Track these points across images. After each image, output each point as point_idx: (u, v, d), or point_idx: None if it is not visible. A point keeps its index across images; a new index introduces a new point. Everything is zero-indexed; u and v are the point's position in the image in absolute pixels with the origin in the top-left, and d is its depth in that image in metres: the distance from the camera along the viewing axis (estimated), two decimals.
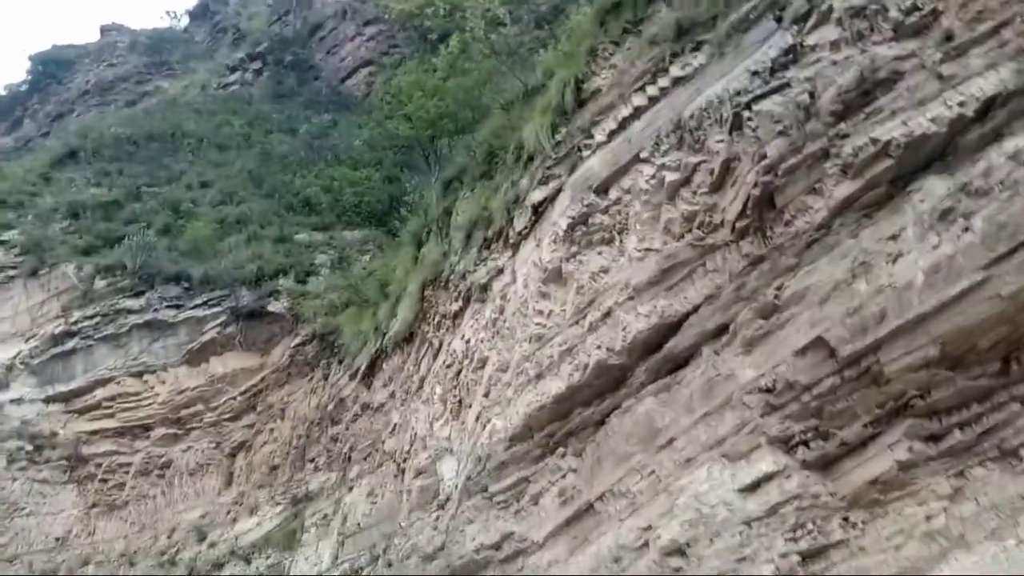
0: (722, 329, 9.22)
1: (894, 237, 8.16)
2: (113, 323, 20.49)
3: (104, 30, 58.16)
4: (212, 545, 17.53)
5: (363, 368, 16.45)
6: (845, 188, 8.53)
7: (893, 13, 8.72)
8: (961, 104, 8.02)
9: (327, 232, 23.18)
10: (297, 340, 19.66)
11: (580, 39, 13.17)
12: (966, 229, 7.70)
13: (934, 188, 8.07)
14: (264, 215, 23.98)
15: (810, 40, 9.29)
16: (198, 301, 20.77)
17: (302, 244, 22.57)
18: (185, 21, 61.19)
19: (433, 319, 14.07)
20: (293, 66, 38.90)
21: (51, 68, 52.70)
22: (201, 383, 19.81)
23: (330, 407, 17.30)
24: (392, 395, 15.43)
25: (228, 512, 18.11)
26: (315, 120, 30.73)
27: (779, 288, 8.80)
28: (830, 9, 9.21)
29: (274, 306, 20.35)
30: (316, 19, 41.30)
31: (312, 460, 17.15)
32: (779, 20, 9.68)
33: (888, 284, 7.95)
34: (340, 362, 17.89)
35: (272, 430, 18.81)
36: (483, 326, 12.21)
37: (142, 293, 20.96)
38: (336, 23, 39.65)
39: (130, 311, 20.67)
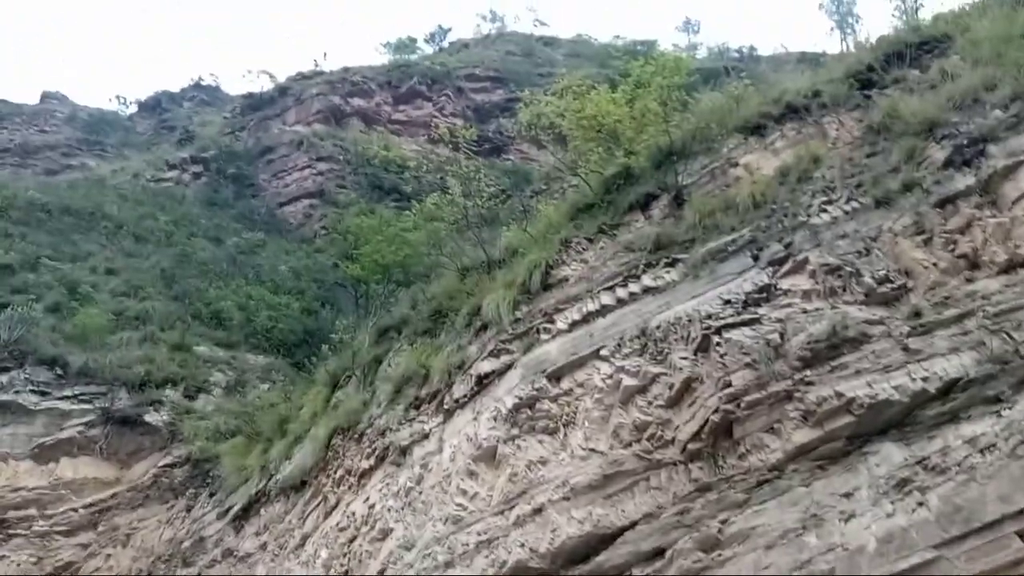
0: (658, 553, 8.71)
1: (848, 495, 8.08)
2: None
3: (45, 96, 57.21)
4: None
5: (237, 508, 14.85)
6: (804, 435, 8.53)
7: (866, 279, 9.21)
8: (924, 379, 8.31)
9: (230, 351, 21.83)
10: (167, 460, 17.81)
11: (550, 227, 13.41)
12: (921, 504, 7.70)
13: (891, 455, 8.14)
14: (167, 318, 22.51)
15: (784, 284, 9.66)
16: (68, 392, 18.79)
17: (200, 357, 21.09)
18: (132, 110, 60.97)
19: (335, 472, 12.96)
20: (234, 179, 38.61)
21: None
22: (42, 484, 17.44)
23: (186, 544, 15.40)
24: (263, 546, 13.86)
25: None
26: (246, 235, 30.02)
27: (724, 522, 8.47)
28: (805, 260, 9.69)
29: (152, 416, 18.57)
30: (270, 142, 41.65)
31: None
32: (755, 258, 10.09)
33: (840, 543, 7.75)
34: (211, 495, 16.17)
35: (109, 556, 16.49)
36: (394, 493, 11.26)
37: (8, 370, 18.79)
38: (289, 151, 40.03)
39: None
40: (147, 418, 18.53)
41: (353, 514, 11.87)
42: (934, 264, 9.16)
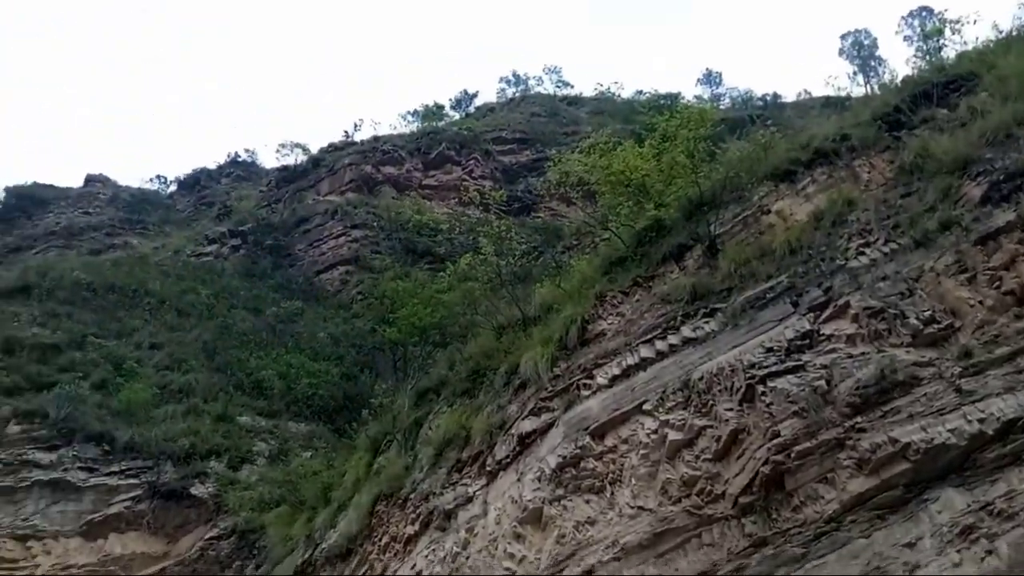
0: None
1: (910, 545, 7.80)
2: (14, 474, 18.45)
3: (89, 179, 59.14)
4: None
5: None
6: (859, 484, 8.29)
7: (912, 320, 9.04)
8: (981, 421, 8.07)
9: (272, 419, 21.99)
10: (213, 532, 17.85)
11: (584, 282, 13.44)
12: (990, 552, 7.40)
13: (953, 501, 7.86)
14: (210, 389, 22.80)
15: (826, 329, 9.52)
16: (115, 468, 19.04)
17: (243, 427, 21.28)
18: (172, 188, 62.86)
19: (380, 539, 12.83)
20: (272, 250, 39.29)
21: (25, 203, 52.54)
22: (92, 561, 17.56)
23: None
24: None
25: None
26: (285, 304, 30.45)
27: None
28: (847, 305, 9.55)
29: (198, 489, 18.69)
30: (305, 213, 42.45)
31: None
32: (795, 305, 9.97)
33: None
34: (257, 567, 16.10)
35: None
36: (440, 559, 11.10)
37: (56, 448, 19.15)
38: (324, 220, 40.74)
39: (37, 465, 18.73)
40: (193, 491, 18.65)
41: None
42: (980, 302, 8.98)
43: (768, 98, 51.58)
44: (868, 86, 35.52)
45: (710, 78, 58.75)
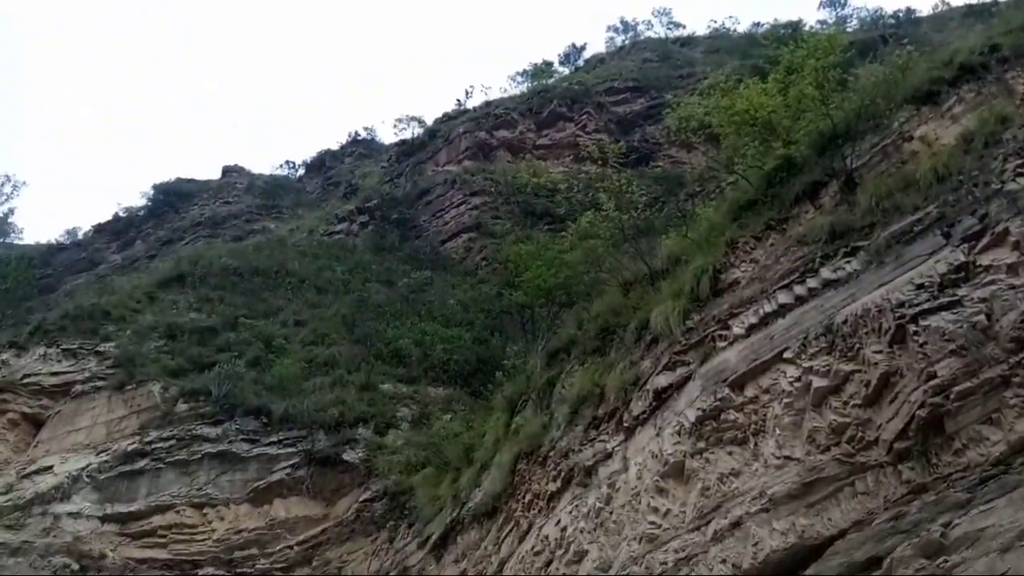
0: (874, 562, 8.11)
1: None
2: (186, 449, 20.14)
3: (226, 170, 62.83)
4: None
5: (435, 537, 15.39)
6: None
7: None
8: None
9: (412, 386, 22.82)
10: (367, 495, 18.81)
11: (712, 230, 13.05)
12: None
13: None
14: (352, 361, 23.90)
15: (983, 260, 8.80)
16: (274, 438, 20.38)
17: (386, 394, 22.21)
18: (301, 172, 65.77)
19: (524, 496, 13.15)
20: (398, 223, 40.45)
21: (171, 198, 56.61)
22: (260, 525, 18.97)
23: (392, 574, 16.11)
24: (463, 574, 14.24)
25: None
26: (414, 275, 31.34)
27: (947, 525, 7.75)
28: (1006, 232, 8.78)
29: (349, 455, 19.73)
30: (426, 184, 43.37)
31: None
32: (947, 236, 9.27)
33: None
34: (409, 526, 16.87)
35: None
36: (584, 514, 11.24)
37: (221, 422, 20.72)
38: (444, 190, 41.48)
39: (205, 439, 20.35)
40: (345, 456, 19.69)
41: (546, 538, 11.96)
42: None
43: (900, 14, 47.76)
44: None
45: (833, 0, 54.98)
